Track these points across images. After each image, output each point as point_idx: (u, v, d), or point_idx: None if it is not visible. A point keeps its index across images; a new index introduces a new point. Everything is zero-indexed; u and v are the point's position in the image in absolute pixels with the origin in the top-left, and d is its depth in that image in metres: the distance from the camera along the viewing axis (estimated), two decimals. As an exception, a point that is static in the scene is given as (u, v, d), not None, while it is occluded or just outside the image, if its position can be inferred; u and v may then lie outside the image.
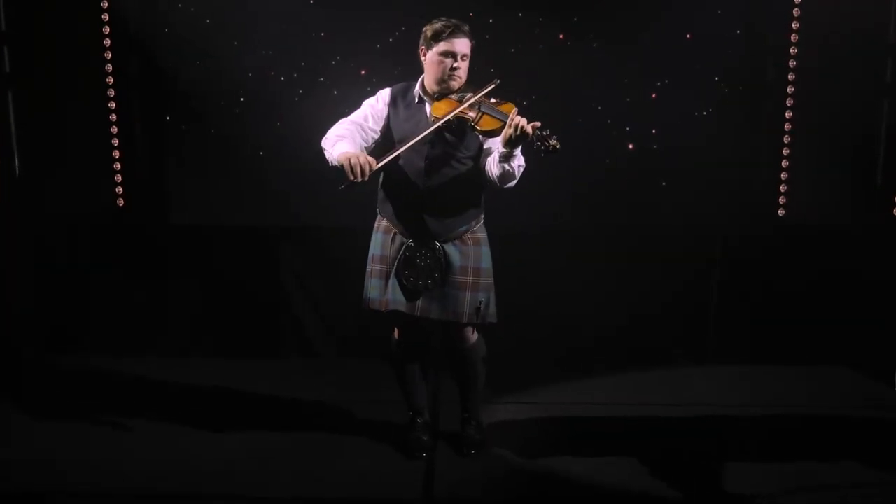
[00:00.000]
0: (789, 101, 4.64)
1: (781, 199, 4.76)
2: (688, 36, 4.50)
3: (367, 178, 3.39)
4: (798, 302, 4.84)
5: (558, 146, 3.30)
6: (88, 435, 4.06)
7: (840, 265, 4.81)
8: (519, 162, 3.45)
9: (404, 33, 4.44)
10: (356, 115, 3.65)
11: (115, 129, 4.72)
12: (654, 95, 4.56)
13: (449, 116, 3.45)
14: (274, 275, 4.93)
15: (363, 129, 3.61)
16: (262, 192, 4.68)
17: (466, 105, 3.46)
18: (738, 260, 4.87)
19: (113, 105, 4.68)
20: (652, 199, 4.70)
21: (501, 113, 3.43)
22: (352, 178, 3.36)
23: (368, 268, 3.72)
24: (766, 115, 4.68)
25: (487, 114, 3.46)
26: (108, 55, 4.61)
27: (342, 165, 3.38)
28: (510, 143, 3.34)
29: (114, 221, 4.80)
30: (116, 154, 4.75)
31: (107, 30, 4.57)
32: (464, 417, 3.95)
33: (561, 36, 4.53)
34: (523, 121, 3.30)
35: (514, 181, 3.49)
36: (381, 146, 3.64)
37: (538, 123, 3.31)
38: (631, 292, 4.85)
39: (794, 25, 4.53)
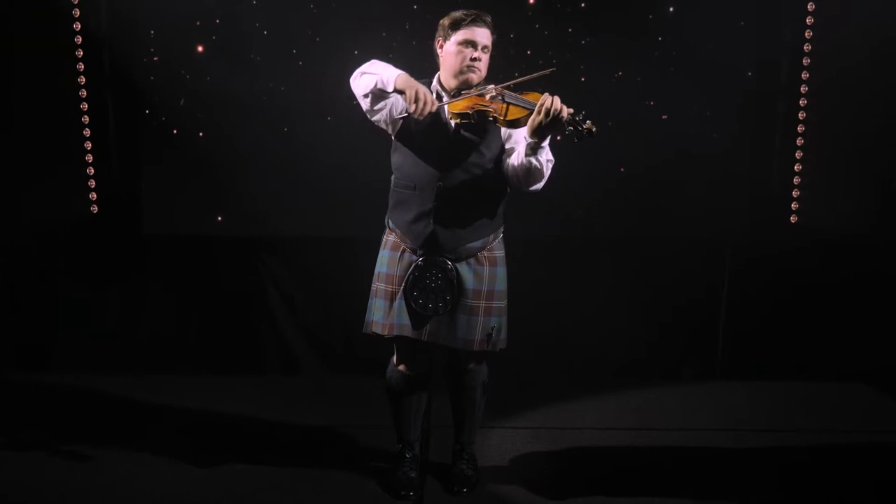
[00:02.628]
0: (802, 102, 4.51)
1: (794, 206, 4.61)
2: (699, 39, 4.38)
3: (426, 117, 3.11)
4: (812, 314, 4.70)
5: (594, 129, 3.04)
6: (57, 458, 3.84)
7: (856, 275, 4.65)
8: (548, 156, 3.18)
9: (396, 31, 4.31)
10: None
11: (87, 132, 4.57)
12: (653, 102, 4.44)
13: (469, 112, 3.16)
14: (256, 287, 4.77)
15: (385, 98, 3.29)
16: (243, 201, 4.53)
17: (489, 96, 3.18)
18: (748, 270, 4.72)
19: (85, 107, 4.54)
20: (660, 206, 4.54)
21: (527, 101, 3.15)
22: (412, 109, 3.08)
23: (374, 286, 3.42)
24: (779, 118, 4.57)
25: (513, 104, 3.16)
26: (80, 53, 4.47)
27: (403, 92, 3.10)
28: (539, 132, 3.07)
29: (87, 230, 4.66)
30: (89, 158, 4.60)
31: (79, 34, 4.45)
32: (456, 450, 3.65)
33: (569, 28, 4.38)
34: (557, 102, 3.03)
35: (542, 181, 3.22)
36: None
37: (571, 110, 3.06)
38: (636, 305, 4.71)
39: (808, 33, 4.43)
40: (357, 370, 4.53)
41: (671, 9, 4.34)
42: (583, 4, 4.35)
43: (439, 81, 3.33)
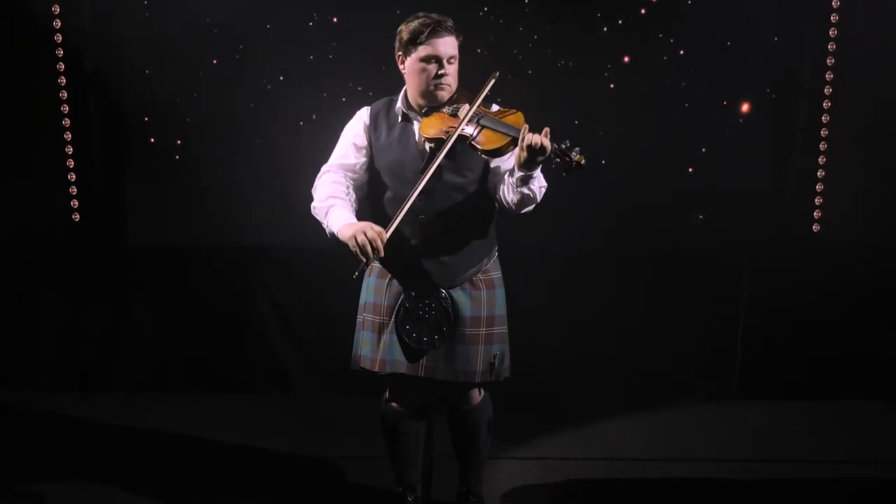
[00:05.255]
0: (826, 104, 4.36)
1: (816, 214, 4.46)
2: (716, 39, 4.25)
3: (381, 254, 2.83)
4: (836, 328, 4.53)
5: (583, 161, 2.78)
6: (33, 483, 3.69)
7: (883, 287, 4.49)
8: (540, 183, 2.92)
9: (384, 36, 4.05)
10: (339, 156, 3.09)
11: (68, 136, 4.46)
12: (667, 104, 4.30)
13: (442, 136, 2.88)
14: (247, 300, 4.65)
15: (352, 170, 3.07)
16: (233, 209, 4.40)
17: (464, 120, 2.90)
18: (767, 281, 4.55)
19: (66, 109, 4.43)
20: (674, 215, 4.40)
21: (507, 126, 2.88)
22: (364, 260, 2.82)
23: (359, 318, 3.15)
24: (800, 121, 4.41)
25: (489, 128, 2.89)
26: (60, 52, 4.36)
27: (347, 246, 2.86)
28: (526, 166, 2.80)
29: (69, 239, 4.56)
30: (70, 164, 4.50)
31: (58, 32, 4.34)
32: (462, 492, 3.37)
33: (577, 40, 4.27)
34: (537, 137, 2.74)
35: (535, 205, 2.97)
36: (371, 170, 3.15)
37: (547, 129, 2.77)
38: (649, 319, 4.55)
39: (832, 32, 4.27)
40: (356, 390, 4.24)
41: (689, 2, 4.21)
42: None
43: (405, 99, 3.05)
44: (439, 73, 2.93)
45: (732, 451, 3.99)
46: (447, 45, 2.93)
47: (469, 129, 2.89)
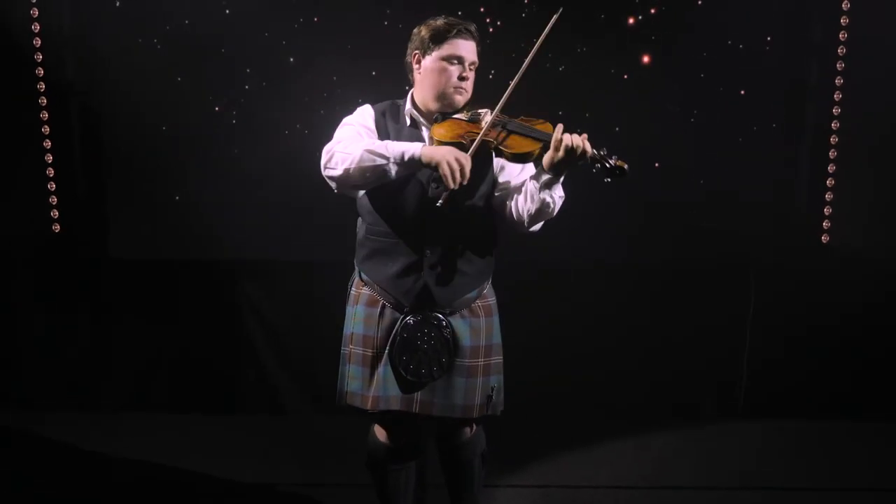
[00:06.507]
0: (835, 109, 4.25)
1: (825, 225, 4.35)
2: (722, 41, 4.16)
3: (466, 181, 2.65)
4: (846, 344, 4.43)
5: (626, 166, 2.66)
6: None
7: (893, 300, 4.39)
8: (560, 192, 2.79)
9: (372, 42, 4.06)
10: (347, 134, 2.84)
11: (48, 144, 4.33)
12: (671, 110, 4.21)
13: (461, 141, 2.72)
14: (234, 316, 4.54)
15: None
16: (220, 221, 4.28)
17: (489, 124, 2.74)
18: (775, 295, 4.45)
19: (45, 115, 4.30)
20: (677, 226, 4.28)
21: (537, 131, 2.75)
22: (452, 184, 2.62)
23: (345, 350, 2.96)
24: (808, 127, 4.31)
25: (518, 132, 2.75)
26: (39, 56, 4.24)
27: (434, 166, 2.63)
28: (557, 168, 2.68)
29: (49, 250, 4.44)
30: (51, 172, 4.37)
31: (37, 36, 4.23)
32: (454, 528, 3.23)
33: (581, 50, 4.15)
34: (577, 138, 2.62)
35: (547, 219, 2.84)
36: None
37: (585, 135, 2.67)
38: (651, 335, 4.45)
39: (842, 35, 4.17)
40: (348, 411, 4.15)
41: (699, 2, 4.12)
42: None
43: (413, 103, 2.90)
44: (462, 75, 2.80)
45: (740, 478, 3.86)
46: (470, 49, 2.82)
47: (493, 134, 2.74)
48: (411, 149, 2.68)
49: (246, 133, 4.20)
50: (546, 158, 2.67)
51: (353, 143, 2.77)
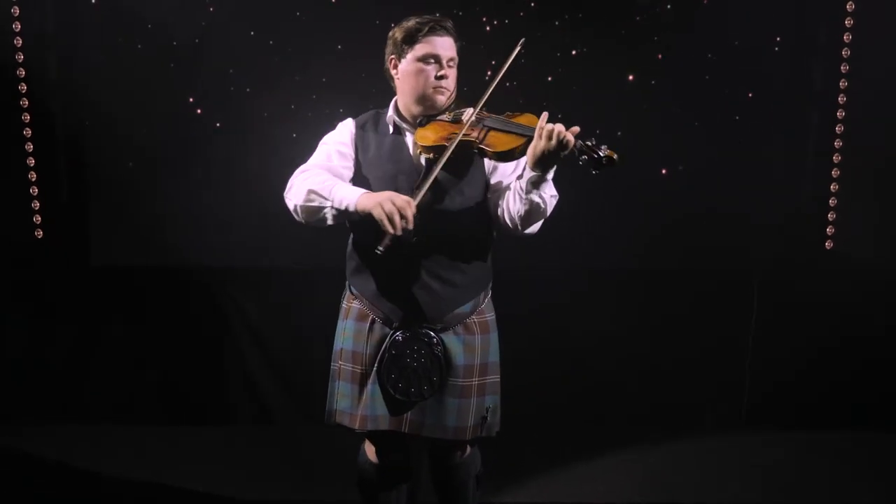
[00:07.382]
0: (840, 113, 4.23)
1: (829, 230, 4.33)
2: (723, 43, 4.14)
3: (411, 226, 2.52)
4: (851, 351, 4.40)
5: (615, 156, 2.50)
6: None
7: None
8: (551, 191, 2.65)
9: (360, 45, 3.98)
10: (320, 161, 2.77)
11: (30, 147, 4.27)
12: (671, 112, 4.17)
13: (444, 144, 2.61)
14: (221, 324, 4.48)
15: (335, 174, 2.76)
16: (206, 227, 4.25)
17: (468, 122, 2.65)
18: (778, 301, 4.43)
19: (27, 118, 4.24)
20: (679, 232, 4.24)
21: (520, 126, 2.63)
22: (392, 231, 2.49)
23: (334, 366, 2.86)
24: (812, 131, 4.30)
25: (498, 129, 2.64)
26: (20, 57, 4.18)
27: (371, 215, 2.51)
28: (542, 162, 2.52)
29: (30, 256, 4.38)
30: (33, 176, 4.31)
31: (18, 35, 4.18)
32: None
33: (574, 52, 4.12)
34: (559, 127, 2.48)
35: (541, 221, 2.70)
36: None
37: (577, 129, 2.51)
38: (652, 343, 4.42)
39: (847, 37, 4.14)
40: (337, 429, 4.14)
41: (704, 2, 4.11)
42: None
43: (397, 110, 2.79)
44: (439, 74, 2.68)
45: (744, 494, 3.79)
46: (446, 46, 2.69)
47: (474, 133, 2.63)
48: (349, 197, 2.58)
49: (231, 137, 4.15)
50: (529, 153, 2.54)
51: (313, 174, 2.69)
